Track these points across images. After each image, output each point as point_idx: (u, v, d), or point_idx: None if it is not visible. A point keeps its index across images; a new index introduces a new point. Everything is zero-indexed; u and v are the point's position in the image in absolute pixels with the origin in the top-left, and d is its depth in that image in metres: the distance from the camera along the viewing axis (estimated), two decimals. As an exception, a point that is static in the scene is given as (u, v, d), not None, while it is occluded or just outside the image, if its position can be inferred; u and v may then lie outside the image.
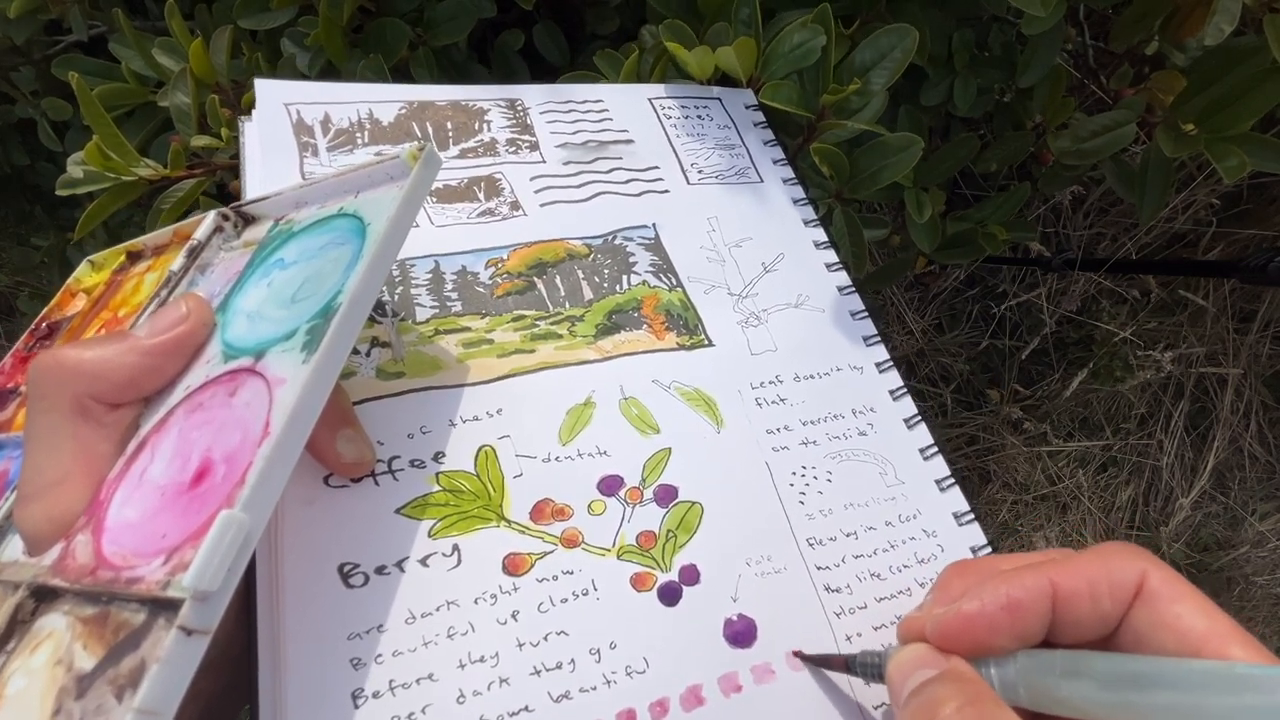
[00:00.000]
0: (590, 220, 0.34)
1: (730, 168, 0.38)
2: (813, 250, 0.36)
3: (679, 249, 0.34)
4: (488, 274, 0.31)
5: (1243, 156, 0.41)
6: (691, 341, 0.32)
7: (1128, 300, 1.30)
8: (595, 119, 0.38)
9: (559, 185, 0.35)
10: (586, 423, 0.29)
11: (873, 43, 0.41)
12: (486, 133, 0.36)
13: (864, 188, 0.42)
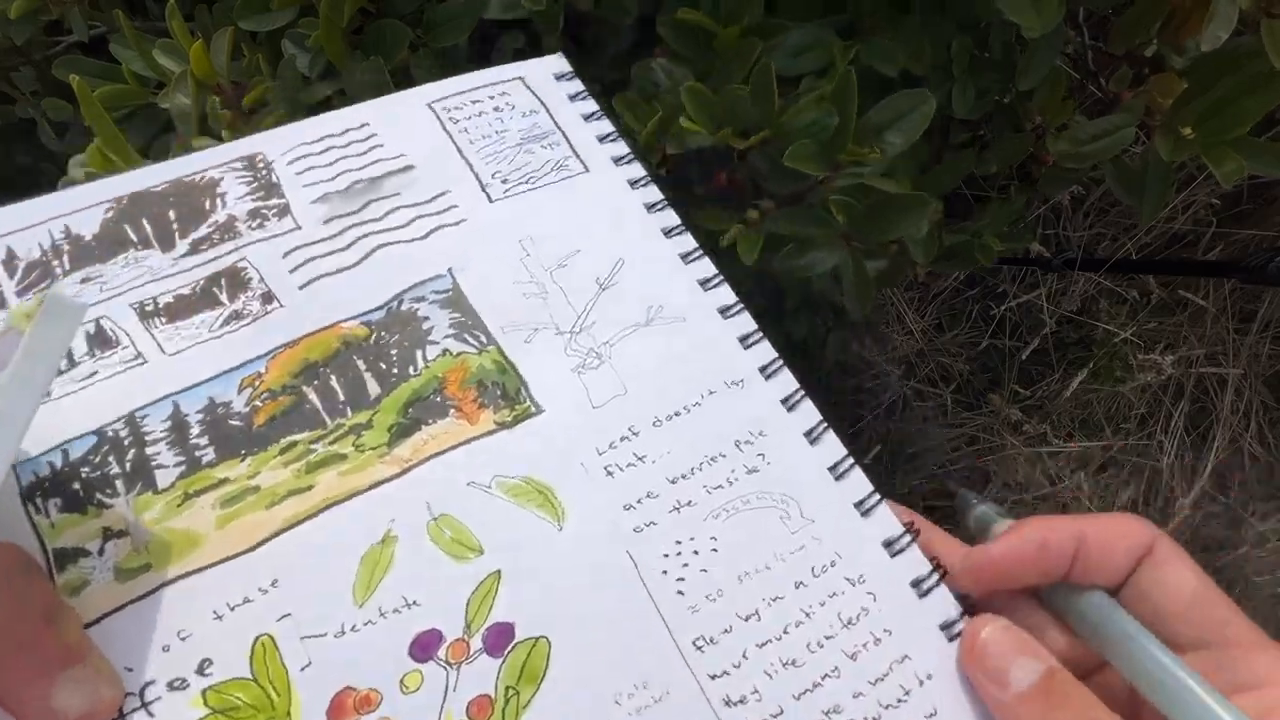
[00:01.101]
0: (367, 288, 0.27)
1: (544, 164, 0.31)
2: (661, 241, 0.29)
3: (486, 293, 0.27)
4: (243, 400, 0.24)
5: (1240, 160, 0.41)
6: (514, 415, 0.25)
7: (1128, 300, 1.30)
8: (360, 151, 0.31)
9: (321, 254, 0.28)
10: (387, 568, 0.22)
11: (891, 104, 0.41)
12: (221, 209, 0.28)
13: (875, 234, 0.42)
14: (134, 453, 0.23)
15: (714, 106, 0.41)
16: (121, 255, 0.26)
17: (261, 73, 0.48)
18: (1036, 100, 0.53)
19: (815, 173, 0.40)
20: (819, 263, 0.42)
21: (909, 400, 1.40)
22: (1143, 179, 0.49)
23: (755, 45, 0.43)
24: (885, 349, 1.40)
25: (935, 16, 0.48)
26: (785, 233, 0.43)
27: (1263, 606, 1.35)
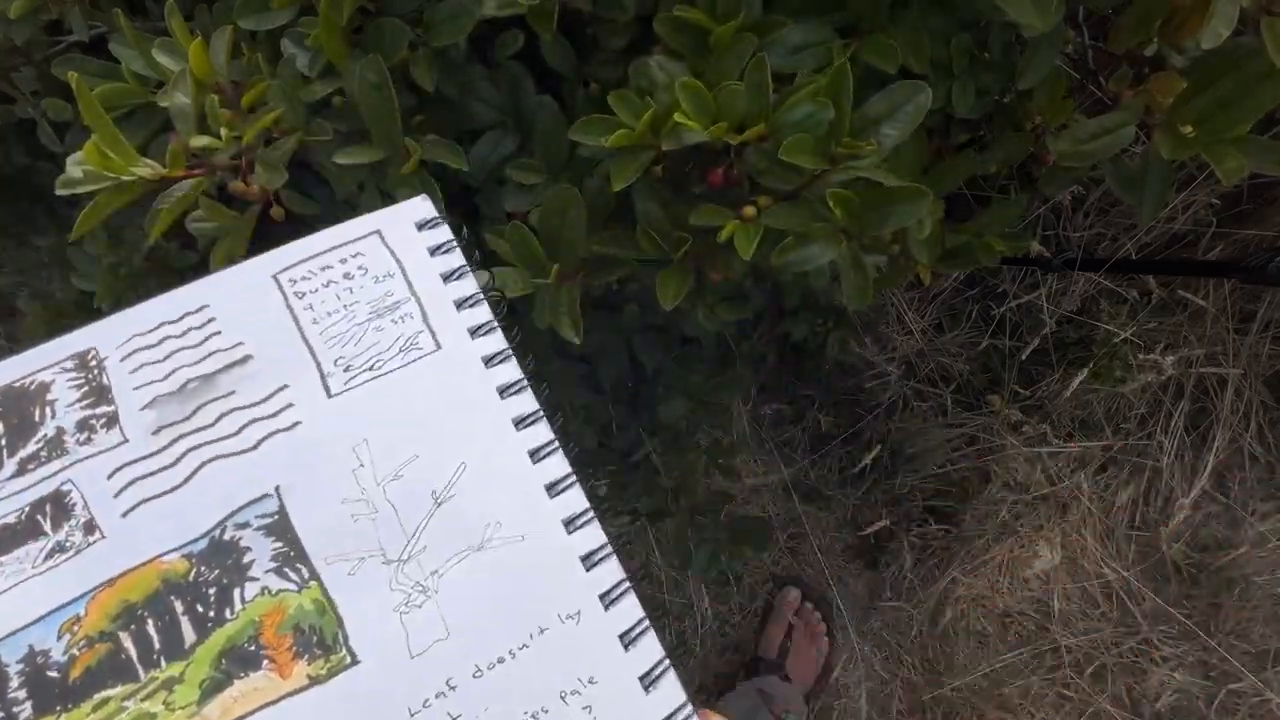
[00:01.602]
0: (192, 513, 0.25)
1: (393, 343, 0.28)
2: (510, 436, 0.27)
3: (313, 516, 0.25)
4: (61, 647, 0.23)
5: (1241, 159, 0.41)
6: (329, 667, 0.23)
7: (1128, 300, 1.30)
8: (197, 341, 0.28)
9: (147, 472, 0.26)
10: None
11: (887, 96, 0.41)
12: (51, 420, 0.26)
13: (871, 228, 0.42)
14: None
15: (709, 102, 0.41)
16: None
17: (261, 72, 0.48)
18: (1036, 99, 0.53)
19: (812, 166, 0.40)
20: (816, 257, 0.42)
21: (909, 400, 1.40)
22: (1143, 178, 0.49)
23: (750, 41, 0.43)
24: (885, 349, 1.40)
25: (935, 14, 0.48)
26: (782, 227, 0.43)
27: (1263, 606, 1.35)
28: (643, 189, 0.46)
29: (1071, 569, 1.42)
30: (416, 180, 0.48)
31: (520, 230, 0.45)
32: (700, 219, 0.44)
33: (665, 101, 0.43)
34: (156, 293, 0.29)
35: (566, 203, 0.44)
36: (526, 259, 0.45)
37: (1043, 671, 1.41)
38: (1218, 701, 1.36)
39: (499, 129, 0.55)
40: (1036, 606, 1.43)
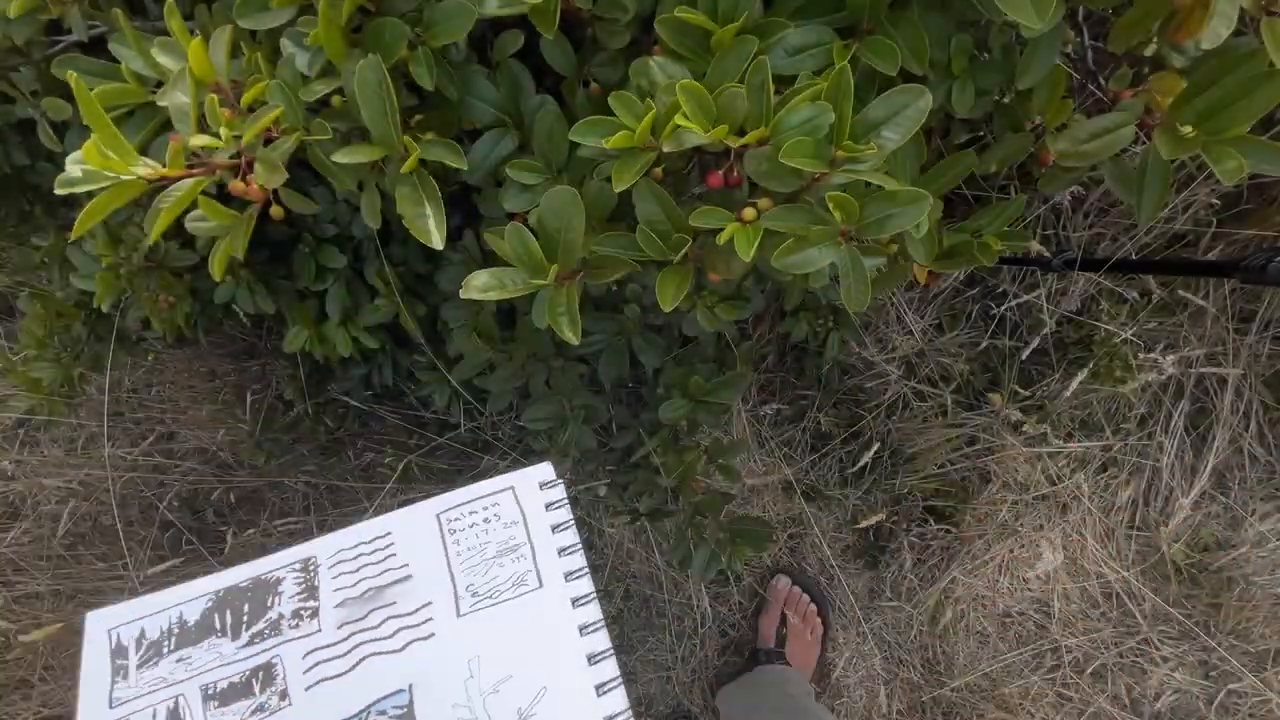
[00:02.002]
0: (351, 694, 0.34)
1: (510, 579, 0.37)
2: (584, 672, 0.34)
3: (431, 713, 0.34)
4: None
5: (1240, 159, 0.41)
6: None
7: (1128, 300, 1.30)
8: (380, 559, 0.38)
9: (328, 657, 0.36)
10: None
11: (887, 100, 0.41)
12: (276, 607, 0.37)
13: (871, 231, 0.42)
14: None
15: (710, 105, 0.41)
16: (206, 640, 0.35)
17: (260, 71, 0.48)
18: (1036, 99, 0.53)
19: (812, 169, 0.40)
20: (816, 259, 0.42)
21: (909, 400, 1.40)
22: (1142, 178, 0.49)
23: (751, 43, 0.43)
24: (885, 349, 1.40)
25: (934, 15, 0.48)
26: (782, 230, 0.43)
27: (1263, 606, 1.35)
28: (643, 190, 0.46)
29: (1071, 569, 1.42)
30: (415, 179, 0.48)
31: (520, 231, 0.45)
32: (700, 221, 0.44)
33: (666, 103, 0.43)
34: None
35: (566, 203, 0.44)
36: (526, 260, 0.45)
37: (1043, 671, 1.41)
38: (1218, 701, 1.36)
39: (498, 128, 0.55)
40: (1036, 606, 1.43)
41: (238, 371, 1.53)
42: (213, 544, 1.46)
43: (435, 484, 1.40)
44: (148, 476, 1.49)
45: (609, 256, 0.49)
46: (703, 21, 0.44)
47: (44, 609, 1.40)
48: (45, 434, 1.51)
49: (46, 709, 1.37)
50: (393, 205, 0.48)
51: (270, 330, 1.47)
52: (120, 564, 1.40)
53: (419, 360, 1.00)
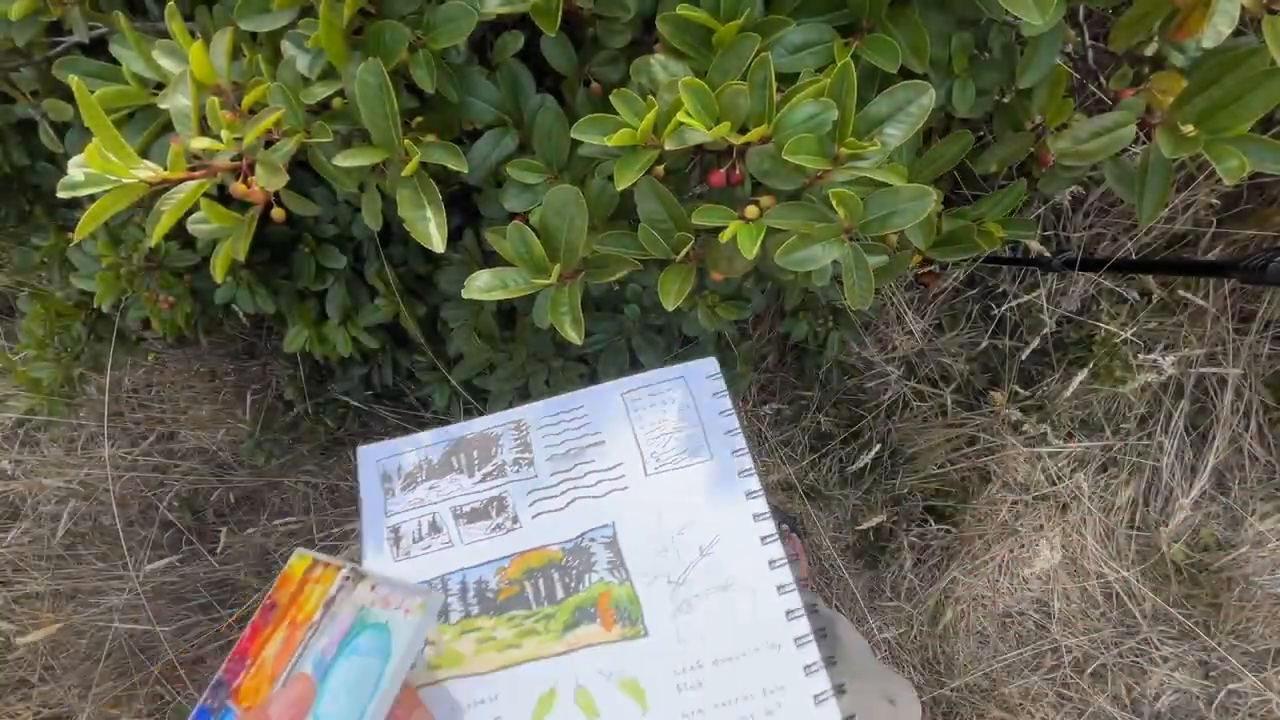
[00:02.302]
0: (565, 526, 0.44)
1: (684, 450, 0.45)
2: (750, 526, 0.42)
3: (631, 543, 0.42)
4: (495, 581, 0.42)
5: (1242, 158, 0.41)
6: (632, 632, 0.40)
7: (1128, 300, 1.30)
8: (577, 426, 0.47)
9: (545, 496, 0.45)
10: (550, 709, 0.38)
11: (890, 97, 0.41)
12: (499, 456, 0.47)
13: (874, 228, 0.42)
14: (443, 600, 0.40)
15: (712, 102, 0.41)
16: (448, 475, 0.45)
17: (261, 73, 0.48)
18: (1037, 99, 0.53)
19: (815, 167, 0.40)
20: (819, 257, 0.42)
21: (909, 400, 1.40)
22: (1143, 177, 0.49)
23: (753, 41, 0.43)
24: (885, 349, 1.40)
25: (935, 13, 0.48)
26: (785, 228, 0.43)
27: (1263, 606, 1.35)
28: (645, 188, 0.46)
29: (1071, 569, 1.42)
30: (415, 182, 0.48)
31: (522, 230, 0.45)
32: (703, 219, 0.44)
33: (668, 101, 0.42)
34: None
35: (567, 202, 0.44)
36: (528, 259, 0.45)
37: (1043, 671, 1.41)
38: (1218, 701, 1.36)
39: (499, 128, 0.55)
40: (1036, 606, 1.43)
41: (238, 371, 1.53)
42: (212, 544, 1.46)
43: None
44: (148, 476, 1.49)
45: (611, 255, 0.49)
46: (705, 19, 0.44)
47: (44, 609, 1.40)
48: (45, 434, 1.51)
49: (47, 709, 1.37)
50: (393, 207, 0.48)
51: (270, 330, 1.47)
52: (120, 564, 1.40)
53: (419, 360, 1.00)
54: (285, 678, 0.38)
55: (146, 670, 1.40)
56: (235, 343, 1.52)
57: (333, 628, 0.40)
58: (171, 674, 1.39)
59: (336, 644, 0.39)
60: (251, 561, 1.45)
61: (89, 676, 1.38)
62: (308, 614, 0.41)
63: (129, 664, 1.40)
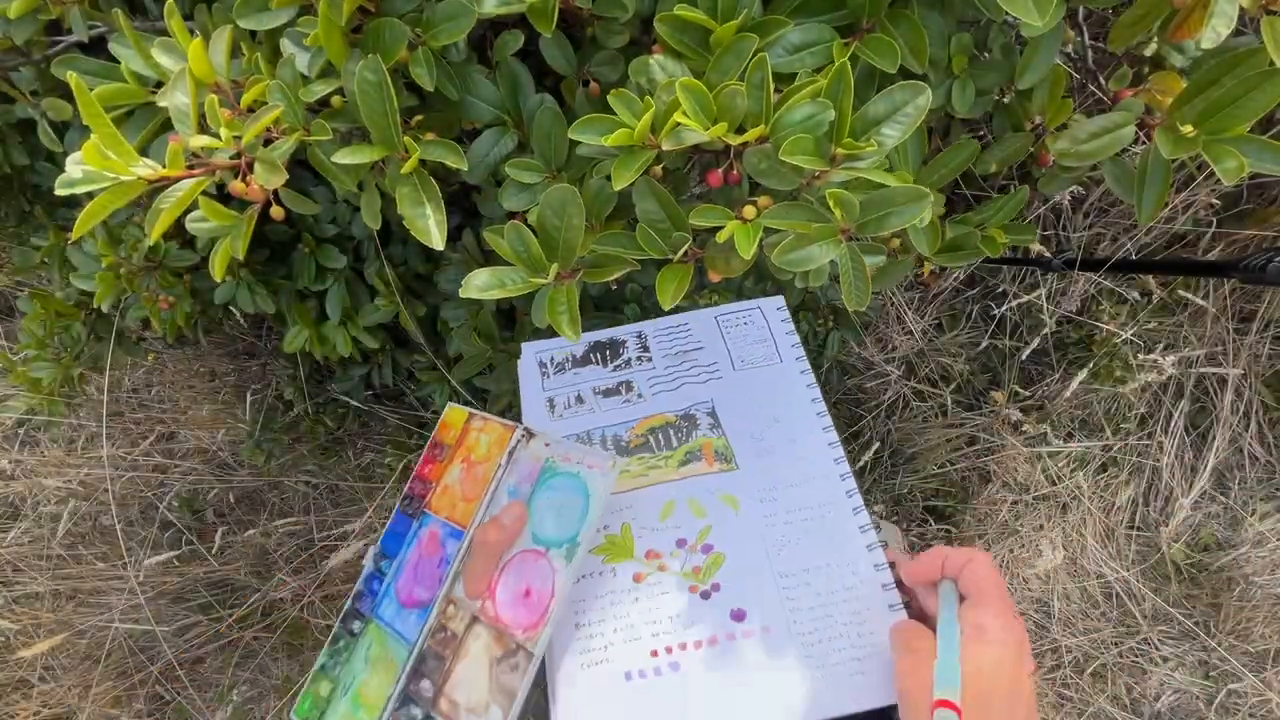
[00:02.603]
0: (676, 400, 0.60)
1: (762, 357, 0.62)
2: (809, 409, 0.59)
3: (725, 412, 0.59)
4: (626, 435, 0.59)
5: (1241, 158, 0.41)
6: (727, 467, 0.56)
7: (1128, 300, 1.30)
8: (684, 337, 0.65)
9: (661, 382, 0.62)
10: (671, 513, 0.53)
11: (887, 97, 0.41)
12: (625, 353, 0.64)
13: (871, 229, 0.42)
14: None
15: (710, 103, 0.41)
16: (588, 366, 0.63)
17: (260, 71, 0.48)
18: (1036, 99, 0.53)
19: (812, 167, 0.39)
20: (816, 257, 0.42)
21: (909, 400, 1.40)
22: (1142, 178, 0.49)
23: (751, 41, 0.43)
24: (885, 349, 1.40)
25: (934, 13, 0.48)
26: (782, 228, 0.43)
27: (1263, 606, 1.35)
28: (642, 188, 0.46)
29: (1072, 569, 1.42)
30: (415, 179, 0.48)
31: (519, 229, 0.45)
32: (700, 219, 0.44)
33: (665, 101, 0.42)
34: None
35: (565, 201, 0.44)
36: (526, 258, 0.45)
37: (1043, 671, 1.40)
38: (1218, 701, 1.36)
39: (498, 127, 0.55)
40: (1037, 606, 1.43)
41: (238, 371, 1.53)
42: (212, 544, 1.46)
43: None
44: (148, 476, 1.49)
45: (608, 255, 0.49)
46: (702, 19, 0.44)
47: (44, 609, 1.40)
48: (45, 434, 1.51)
49: (47, 709, 1.37)
50: (393, 206, 0.48)
51: (270, 330, 1.47)
52: (120, 564, 1.40)
53: (419, 360, 1.00)
54: (488, 500, 0.51)
55: (146, 670, 1.40)
56: (235, 343, 1.52)
57: (519, 470, 0.52)
58: (171, 674, 1.39)
59: (530, 482, 0.52)
60: (251, 561, 1.45)
61: (89, 676, 1.38)
62: (483, 456, 0.54)
63: (129, 664, 1.41)
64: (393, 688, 0.47)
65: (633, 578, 0.50)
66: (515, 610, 0.46)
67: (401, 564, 0.52)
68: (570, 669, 0.47)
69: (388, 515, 1.43)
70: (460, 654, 0.47)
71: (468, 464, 0.53)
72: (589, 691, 0.47)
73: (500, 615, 0.47)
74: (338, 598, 1.45)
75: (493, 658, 0.46)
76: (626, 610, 0.49)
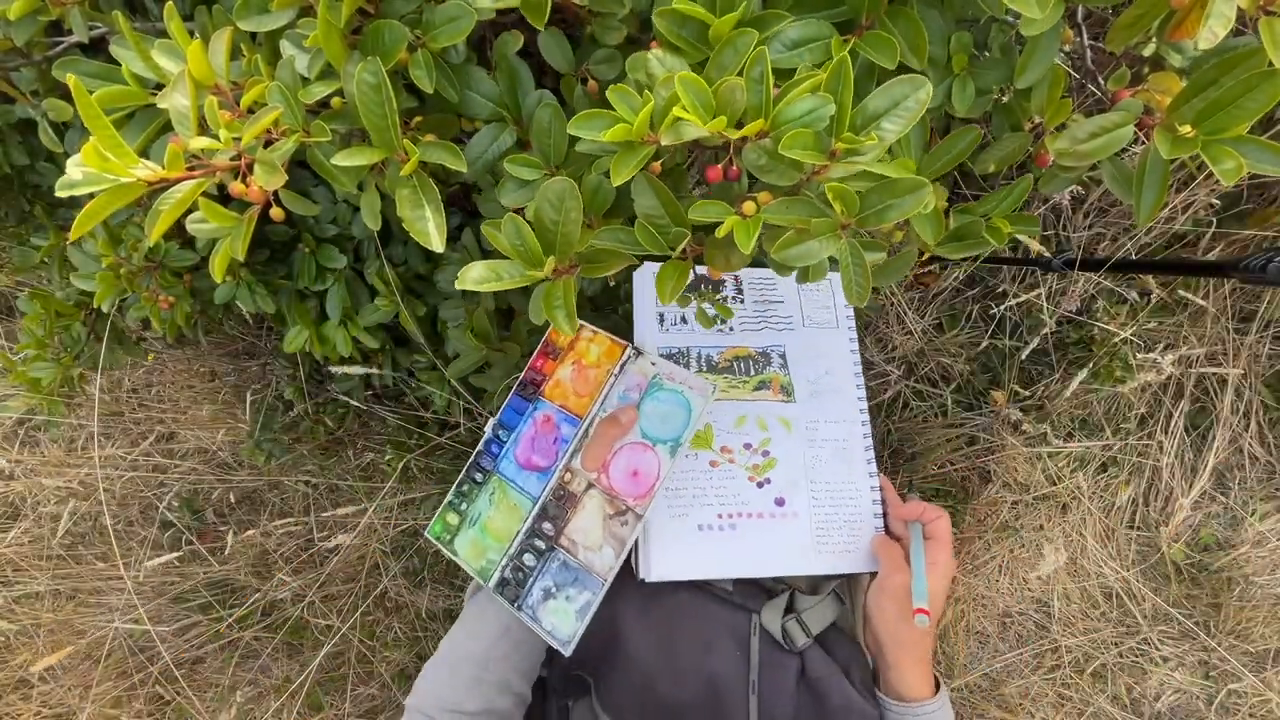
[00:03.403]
0: (758, 339, 0.77)
1: (825, 321, 0.80)
2: (851, 369, 0.78)
3: (793, 356, 0.77)
4: (717, 357, 0.75)
5: (1240, 159, 0.41)
6: (788, 399, 0.76)
7: (1128, 300, 1.30)
8: (771, 289, 0.81)
9: (749, 321, 0.78)
10: (742, 422, 0.73)
11: (887, 91, 0.41)
12: (725, 291, 0.79)
13: (870, 222, 0.41)
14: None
15: (708, 97, 0.41)
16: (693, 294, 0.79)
17: (260, 73, 0.48)
18: (1035, 99, 0.53)
19: (812, 161, 0.39)
20: (816, 252, 0.42)
21: (909, 400, 1.40)
22: (1141, 178, 0.49)
23: (750, 36, 0.43)
24: (885, 349, 1.40)
25: (933, 11, 0.48)
26: (782, 223, 0.42)
27: (1263, 606, 1.35)
28: (641, 184, 0.46)
29: (1072, 569, 1.42)
30: (415, 181, 0.48)
31: (517, 222, 0.45)
32: (700, 214, 0.44)
33: (664, 95, 0.42)
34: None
35: (563, 195, 0.44)
36: (523, 252, 0.45)
37: (1043, 671, 1.40)
38: (1218, 701, 1.36)
39: (497, 123, 0.55)
40: (1037, 606, 1.43)
41: (238, 371, 1.53)
42: (212, 543, 1.46)
43: (435, 483, 1.40)
44: (147, 476, 1.49)
45: (607, 250, 0.48)
46: (701, 14, 0.44)
47: (44, 609, 1.40)
48: (45, 434, 1.52)
49: (47, 709, 1.37)
50: (393, 207, 0.48)
51: (270, 330, 1.47)
52: (120, 564, 1.40)
53: (419, 360, 1.00)
54: (602, 399, 0.67)
55: (146, 670, 1.40)
56: (235, 343, 1.52)
57: (627, 379, 0.68)
58: (171, 674, 1.39)
59: (639, 391, 0.67)
60: (251, 561, 1.45)
61: (89, 677, 1.38)
62: (593, 362, 0.69)
63: (129, 664, 1.41)
64: (521, 524, 0.66)
65: (709, 464, 0.71)
66: (625, 483, 0.65)
67: (519, 436, 0.70)
68: (660, 517, 0.68)
69: (389, 514, 1.43)
70: (578, 508, 0.65)
71: (579, 366, 0.70)
72: (672, 534, 0.68)
73: (614, 485, 0.65)
74: (338, 598, 1.45)
75: (605, 514, 0.64)
76: (703, 485, 0.70)
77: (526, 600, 0.64)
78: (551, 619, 0.63)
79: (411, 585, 1.47)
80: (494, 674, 0.64)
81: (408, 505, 1.43)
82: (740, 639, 0.65)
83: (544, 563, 0.64)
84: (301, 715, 1.41)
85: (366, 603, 1.45)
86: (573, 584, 0.63)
